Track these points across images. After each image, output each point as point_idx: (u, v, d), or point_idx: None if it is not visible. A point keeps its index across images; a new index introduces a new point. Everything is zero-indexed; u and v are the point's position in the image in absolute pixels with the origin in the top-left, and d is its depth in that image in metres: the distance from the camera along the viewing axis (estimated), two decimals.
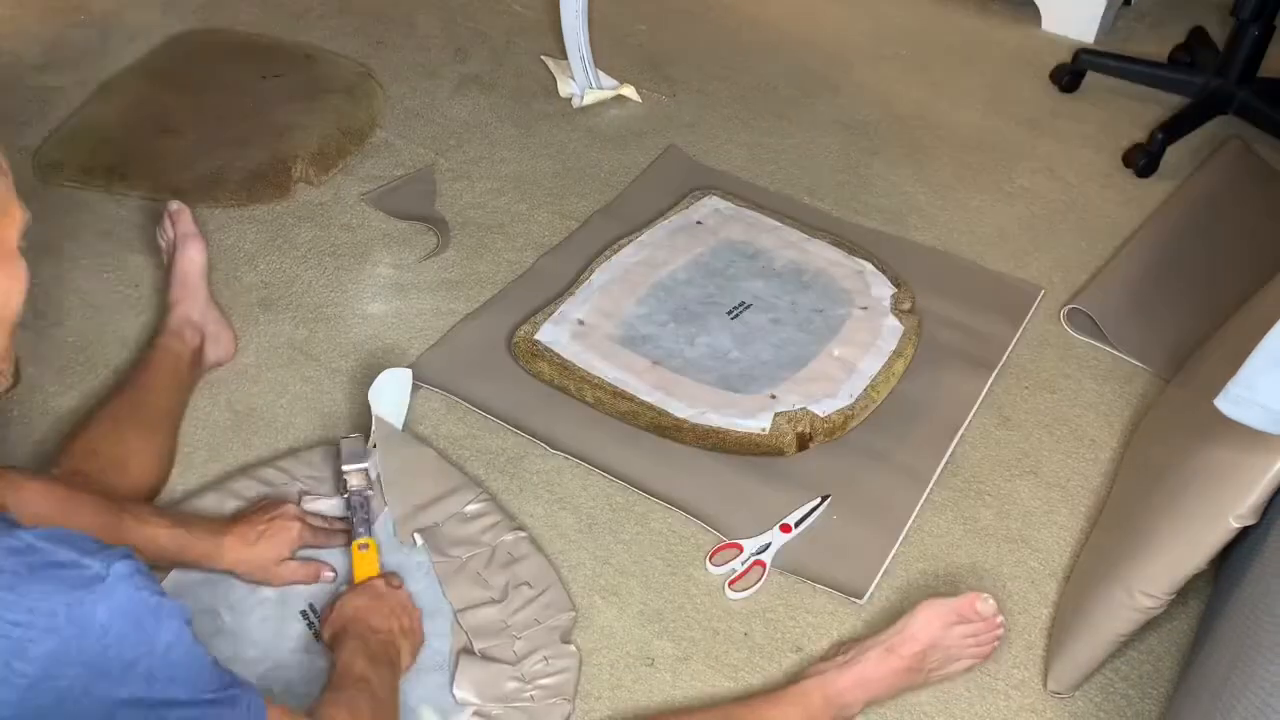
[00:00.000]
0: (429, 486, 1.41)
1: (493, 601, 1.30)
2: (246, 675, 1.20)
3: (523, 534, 1.38)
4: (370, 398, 1.47)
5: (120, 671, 0.73)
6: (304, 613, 1.28)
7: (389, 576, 1.28)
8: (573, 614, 1.31)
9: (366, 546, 1.30)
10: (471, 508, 1.40)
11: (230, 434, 1.53)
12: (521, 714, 1.20)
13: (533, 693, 1.22)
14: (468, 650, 1.25)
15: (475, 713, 1.19)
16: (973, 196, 2.02)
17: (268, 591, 1.29)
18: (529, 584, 1.32)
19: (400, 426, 1.50)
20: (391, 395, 1.50)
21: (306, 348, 1.67)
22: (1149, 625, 1.26)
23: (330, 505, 1.39)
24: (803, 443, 1.47)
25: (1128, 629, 1.20)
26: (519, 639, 1.27)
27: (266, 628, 1.26)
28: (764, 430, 1.47)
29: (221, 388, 1.59)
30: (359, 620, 1.18)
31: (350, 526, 1.34)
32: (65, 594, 0.71)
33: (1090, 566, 1.35)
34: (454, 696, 1.21)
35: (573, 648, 1.28)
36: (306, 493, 1.40)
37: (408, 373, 1.53)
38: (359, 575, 1.28)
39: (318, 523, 1.34)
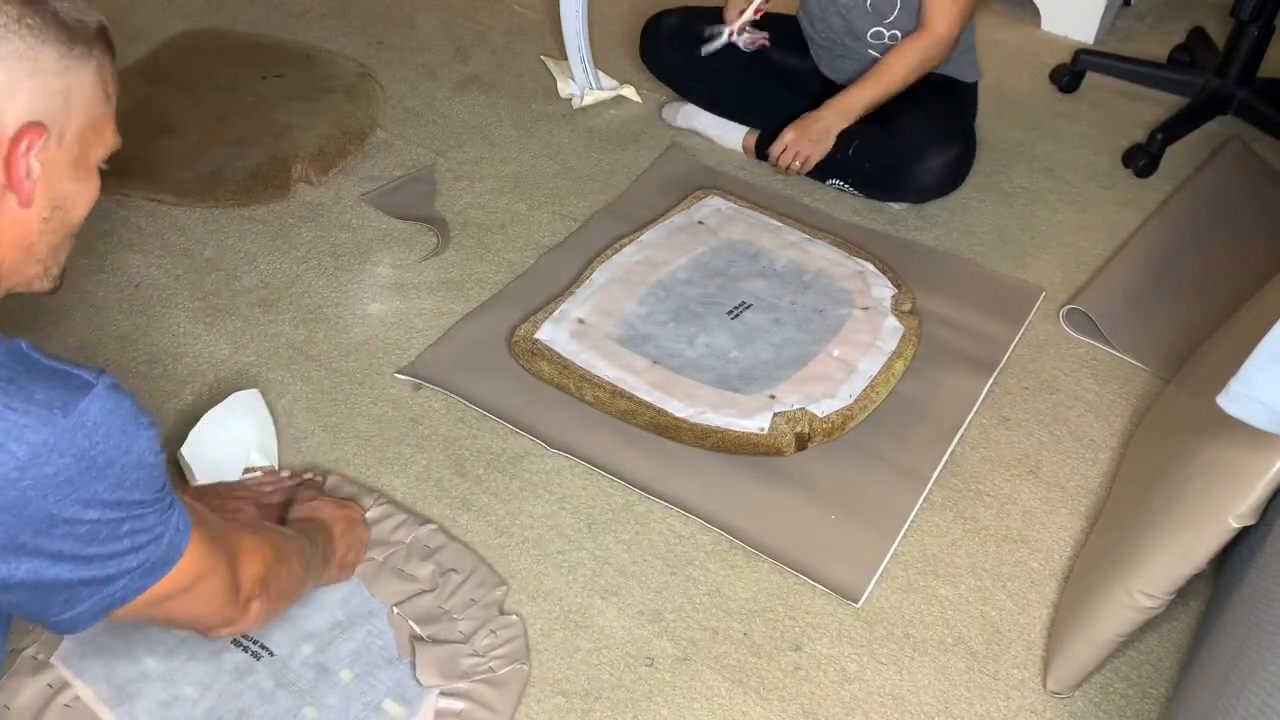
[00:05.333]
0: None
1: (424, 592, 1.32)
2: (192, 714, 1.18)
3: (433, 526, 1.40)
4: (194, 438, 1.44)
5: (102, 467, 0.78)
6: (236, 640, 1.25)
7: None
8: (505, 587, 1.35)
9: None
10: (372, 513, 1.41)
11: None
12: (487, 685, 1.23)
13: (492, 664, 1.25)
14: (418, 638, 1.27)
15: (442, 693, 1.21)
16: (973, 196, 2.02)
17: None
18: (455, 570, 1.35)
19: (276, 448, 1.48)
20: (248, 420, 1.46)
21: (306, 348, 1.67)
22: (1149, 625, 1.26)
23: None
24: (801, 443, 1.47)
25: (1127, 629, 1.20)
26: (460, 620, 1.29)
27: (198, 664, 1.23)
28: (763, 430, 1.47)
29: (221, 388, 1.59)
30: (308, 514, 1.29)
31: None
32: (63, 392, 0.76)
33: (1090, 566, 1.35)
34: (418, 682, 1.22)
35: (514, 617, 1.31)
36: None
37: (255, 393, 1.49)
38: None
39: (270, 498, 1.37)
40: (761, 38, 2.03)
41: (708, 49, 2.02)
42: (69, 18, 0.83)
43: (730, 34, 2.00)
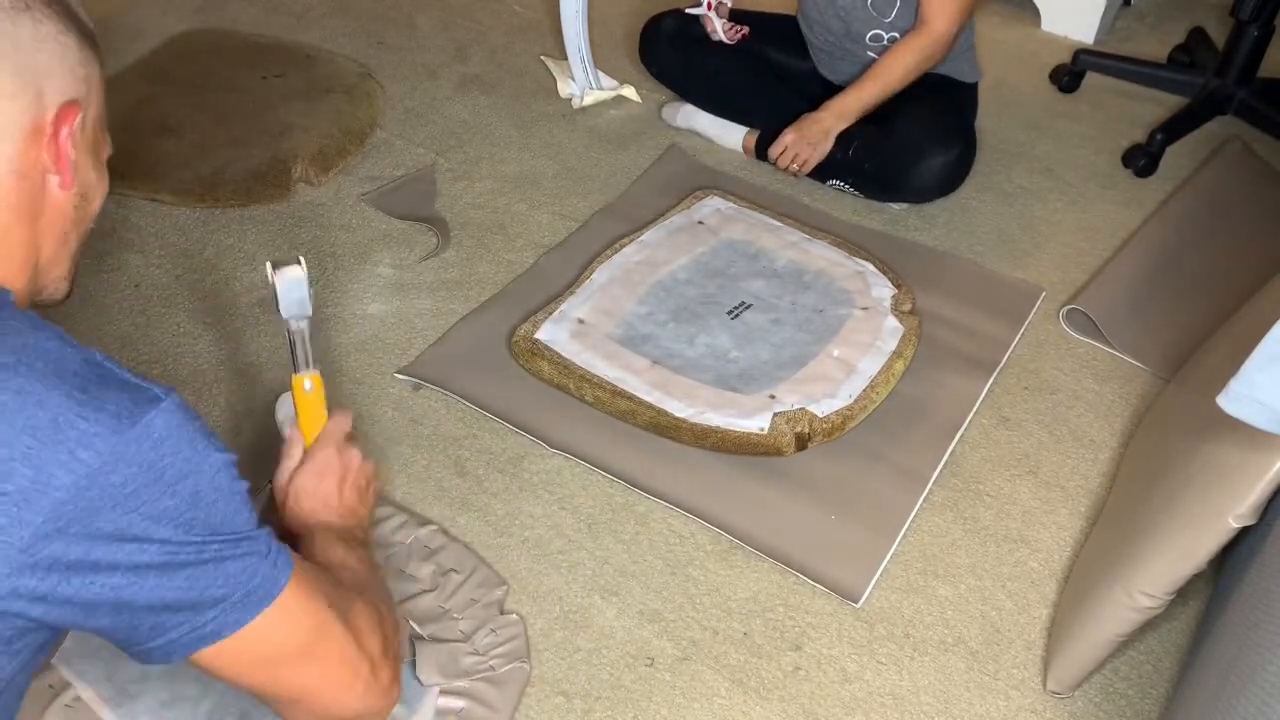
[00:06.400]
0: None
1: (425, 591, 1.32)
2: (193, 715, 1.15)
3: (434, 527, 1.40)
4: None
5: (172, 481, 0.75)
6: None
7: (336, 419, 1.17)
8: (505, 587, 1.35)
9: (311, 384, 1.15)
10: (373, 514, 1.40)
11: (230, 434, 1.53)
12: (487, 683, 1.23)
13: (492, 662, 1.25)
14: (418, 637, 1.27)
15: (442, 691, 1.22)
16: (973, 196, 2.02)
17: None
18: (455, 570, 1.35)
19: (309, 310, 1.24)
20: (296, 294, 1.23)
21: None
22: (1149, 625, 1.26)
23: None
24: (801, 443, 1.47)
25: (1127, 629, 1.20)
26: (461, 619, 1.30)
27: None
28: (763, 430, 1.47)
29: (221, 388, 1.59)
30: (317, 509, 1.11)
31: (291, 361, 1.18)
32: (130, 402, 0.74)
33: (1090, 566, 1.35)
34: (418, 680, 1.22)
35: (514, 616, 1.31)
36: None
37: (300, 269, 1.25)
38: (304, 421, 1.15)
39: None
40: (741, 30, 2.04)
41: (690, 10, 2.06)
42: (79, 12, 0.86)
43: (709, 4, 2.02)
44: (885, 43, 1.93)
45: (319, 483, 1.13)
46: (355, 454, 1.16)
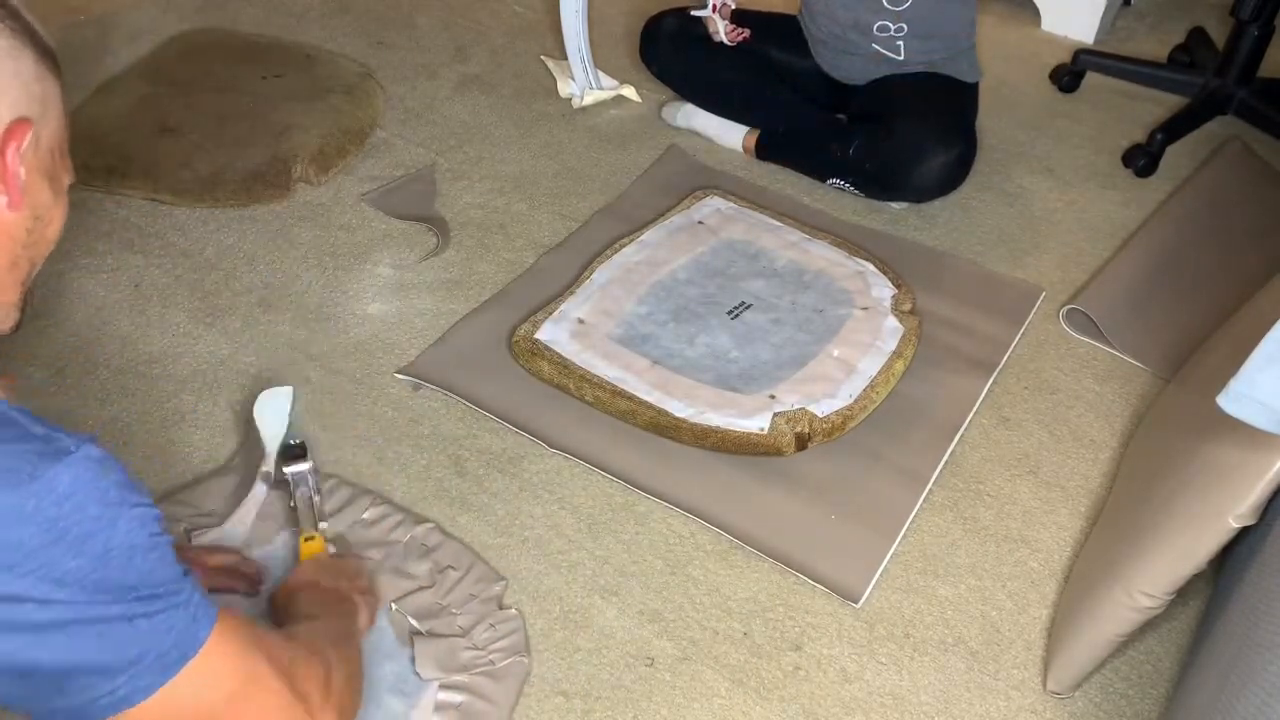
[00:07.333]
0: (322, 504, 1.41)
1: (422, 588, 1.33)
2: None
3: (430, 525, 1.41)
4: (255, 415, 1.47)
5: (78, 540, 0.71)
6: None
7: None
8: (504, 582, 1.35)
9: (312, 538, 1.31)
10: (369, 514, 1.41)
11: (231, 434, 1.53)
12: (487, 678, 1.23)
13: (491, 657, 1.26)
14: (417, 632, 1.28)
15: (442, 686, 1.22)
16: (973, 196, 2.02)
17: None
18: (452, 567, 1.36)
19: (279, 444, 1.46)
20: (274, 413, 1.48)
21: (306, 348, 1.67)
22: (1148, 625, 1.26)
23: (217, 535, 1.36)
24: (801, 443, 1.47)
25: (1127, 629, 1.20)
26: (459, 615, 1.30)
27: None
28: (763, 430, 1.47)
29: (221, 388, 1.59)
30: (306, 586, 1.18)
31: (297, 520, 1.34)
32: (34, 455, 0.70)
33: (1090, 566, 1.35)
34: (418, 675, 1.23)
35: (513, 611, 1.32)
36: (194, 530, 1.37)
37: (288, 390, 1.50)
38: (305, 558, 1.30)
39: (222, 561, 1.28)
40: (742, 32, 2.03)
41: (694, 12, 2.05)
42: (39, 32, 0.82)
43: (714, 6, 2.01)
44: (891, 34, 1.93)
45: (316, 571, 1.23)
46: (353, 559, 1.29)
